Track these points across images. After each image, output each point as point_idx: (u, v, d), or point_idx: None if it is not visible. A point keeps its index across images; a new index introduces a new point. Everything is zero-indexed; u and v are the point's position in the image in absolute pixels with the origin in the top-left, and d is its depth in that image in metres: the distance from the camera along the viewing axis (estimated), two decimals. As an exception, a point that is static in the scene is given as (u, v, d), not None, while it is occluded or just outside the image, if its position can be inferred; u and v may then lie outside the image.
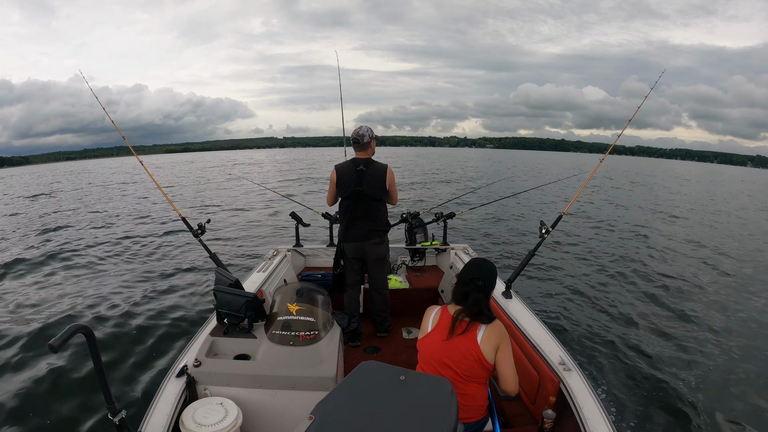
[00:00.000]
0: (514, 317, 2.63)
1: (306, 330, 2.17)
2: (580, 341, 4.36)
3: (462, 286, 1.87)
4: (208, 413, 1.82)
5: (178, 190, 19.42)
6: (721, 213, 15.14)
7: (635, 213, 13.71)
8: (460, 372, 1.77)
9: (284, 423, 2.01)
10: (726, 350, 4.28)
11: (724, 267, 7.49)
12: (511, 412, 2.31)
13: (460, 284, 1.89)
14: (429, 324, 1.89)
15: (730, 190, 27.77)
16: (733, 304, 5.65)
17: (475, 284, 1.83)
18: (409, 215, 4.27)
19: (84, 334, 1.34)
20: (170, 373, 2.02)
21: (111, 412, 1.48)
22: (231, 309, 2.25)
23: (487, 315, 1.82)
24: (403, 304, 3.77)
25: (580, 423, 1.79)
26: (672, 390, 3.55)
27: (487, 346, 1.76)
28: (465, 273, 1.90)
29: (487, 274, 1.87)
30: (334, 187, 3.13)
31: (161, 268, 6.88)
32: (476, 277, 1.85)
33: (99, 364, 1.43)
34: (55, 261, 7.42)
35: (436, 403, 1.09)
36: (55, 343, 1.23)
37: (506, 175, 29.13)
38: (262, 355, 2.08)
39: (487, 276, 1.87)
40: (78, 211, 13.75)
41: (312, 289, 2.38)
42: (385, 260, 3.31)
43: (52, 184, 26.66)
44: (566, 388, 1.97)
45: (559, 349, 2.24)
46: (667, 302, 5.56)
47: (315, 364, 2.04)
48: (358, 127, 3.10)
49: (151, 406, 1.83)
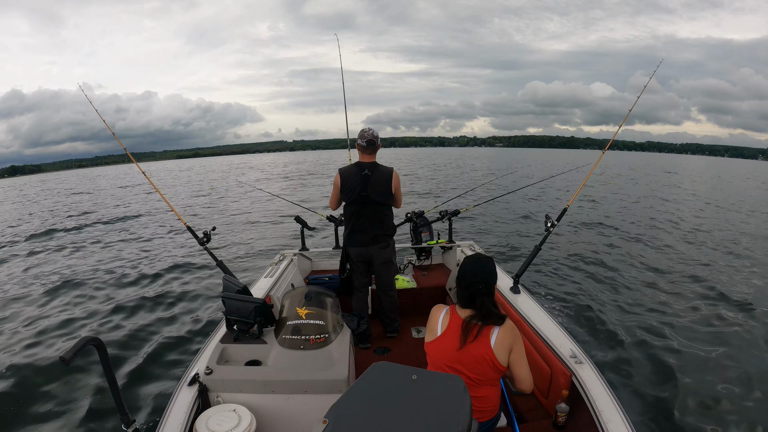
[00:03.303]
0: (524, 312, 2.62)
1: (316, 333, 2.17)
2: (591, 334, 4.34)
3: (464, 290, 1.78)
4: (221, 420, 1.82)
5: (188, 199, 19.52)
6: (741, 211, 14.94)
7: (644, 206, 13.63)
8: (473, 376, 1.72)
9: (298, 427, 2.01)
10: (748, 343, 4.17)
11: (749, 260, 7.26)
12: (524, 406, 2.30)
13: (461, 289, 1.79)
14: (438, 326, 1.81)
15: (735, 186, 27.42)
16: (760, 297, 5.43)
17: (476, 288, 1.74)
18: (414, 214, 4.27)
19: (95, 346, 1.35)
20: (182, 382, 2.02)
21: (125, 423, 1.49)
22: (240, 315, 2.25)
23: (497, 314, 1.75)
24: (411, 304, 3.76)
25: (594, 415, 1.77)
26: (686, 381, 3.51)
27: (501, 349, 1.70)
28: (462, 278, 1.80)
29: (484, 275, 1.77)
30: (338, 192, 3.08)
31: (168, 276, 6.91)
32: (475, 281, 1.75)
33: (111, 375, 1.43)
34: (63, 270, 7.48)
35: (449, 401, 1.09)
36: (66, 356, 1.24)
37: (511, 171, 29.00)
38: (274, 360, 2.08)
39: (485, 277, 1.77)
40: (89, 216, 13.84)
41: (320, 292, 2.37)
42: (392, 263, 3.28)
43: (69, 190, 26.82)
44: (579, 381, 1.96)
45: (570, 342, 2.23)
46: (679, 292, 5.52)
47: (326, 367, 2.04)
48: (370, 129, 2.99)
49: (165, 415, 1.84)
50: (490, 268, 1.80)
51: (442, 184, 20.92)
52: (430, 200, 14.07)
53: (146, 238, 10.47)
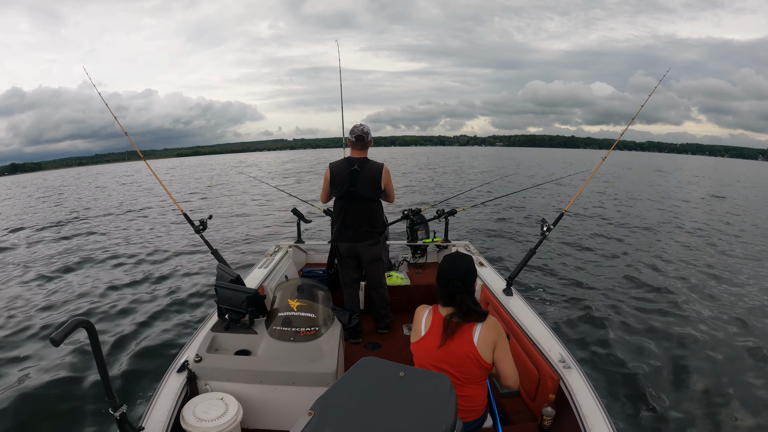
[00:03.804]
0: (515, 314, 2.63)
1: (306, 326, 2.17)
2: (580, 339, 4.35)
3: (443, 288, 1.79)
4: (208, 408, 1.83)
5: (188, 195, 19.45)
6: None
7: (639, 210, 13.65)
8: (458, 375, 1.73)
9: (284, 418, 2.02)
10: (734, 350, 4.20)
11: (735, 268, 7.31)
12: (510, 409, 2.32)
13: (440, 287, 1.81)
14: (422, 326, 1.83)
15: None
16: (745, 305, 5.47)
17: (454, 285, 1.76)
18: (411, 212, 4.27)
19: (85, 329, 1.34)
20: (171, 369, 2.03)
21: (112, 407, 1.49)
22: (232, 305, 2.25)
23: (477, 311, 1.76)
24: (404, 301, 3.77)
25: (579, 420, 1.79)
26: (673, 388, 3.53)
27: (484, 346, 1.71)
28: (441, 275, 1.81)
29: (461, 272, 1.78)
30: (328, 186, 3.07)
31: (162, 263, 6.91)
32: (452, 279, 1.76)
33: (100, 358, 1.43)
34: (60, 256, 7.45)
35: (435, 399, 1.09)
36: (56, 337, 1.24)
37: (510, 172, 28.99)
38: (263, 351, 2.09)
39: (462, 274, 1.77)
40: (89, 211, 13.80)
41: (313, 286, 2.38)
42: (381, 260, 3.25)
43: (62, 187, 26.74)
44: (566, 386, 1.97)
45: (559, 347, 2.24)
46: (669, 301, 5.53)
47: (315, 360, 2.05)
48: (361, 125, 2.98)
49: (152, 401, 1.84)
50: (467, 266, 1.81)
51: (440, 183, 20.92)
52: (427, 198, 14.06)
53: (145, 225, 10.45)
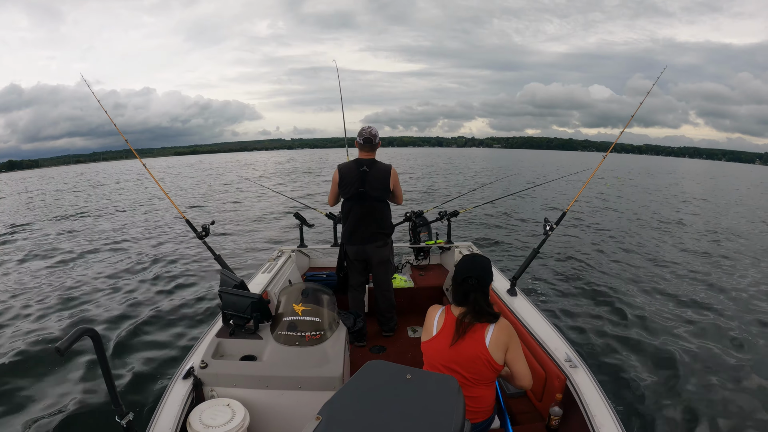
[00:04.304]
0: (520, 315, 2.62)
1: (312, 330, 2.17)
2: (586, 338, 4.33)
3: (458, 286, 1.81)
4: (215, 414, 1.83)
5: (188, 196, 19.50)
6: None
7: (641, 210, 13.62)
8: (468, 376, 1.72)
9: (291, 423, 2.01)
10: (741, 348, 4.18)
11: (743, 265, 7.27)
12: (517, 409, 2.31)
13: (455, 285, 1.83)
14: (434, 326, 1.82)
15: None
16: (754, 303, 5.44)
17: (469, 283, 1.76)
18: (413, 214, 4.27)
19: (90, 337, 1.34)
20: (177, 375, 2.02)
21: (118, 415, 1.49)
22: (236, 310, 2.25)
23: (490, 312, 1.76)
24: (408, 303, 3.76)
25: (587, 419, 1.78)
26: (680, 386, 3.51)
27: (496, 348, 1.71)
28: (457, 273, 1.83)
29: (479, 270, 1.79)
30: (337, 188, 3.10)
31: (166, 270, 6.91)
32: (468, 276, 1.78)
33: (106, 366, 1.43)
34: (60, 264, 7.47)
35: (443, 401, 1.09)
36: (61, 346, 1.24)
37: (511, 173, 28.98)
38: (269, 356, 2.08)
39: (479, 272, 1.79)
40: (89, 213, 13.83)
41: (317, 289, 2.37)
42: (389, 262, 3.28)
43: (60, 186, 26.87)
44: (573, 385, 1.96)
45: (565, 346, 2.23)
46: (674, 298, 5.52)
47: (321, 364, 2.04)
48: (369, 127, 3.01)
49: (158, 408, 1.84)
50: (485, 266, 1.82)
51: (440, 184, 20.91)
52: (429, 200, 14.06)
53: (146, 232, 10.47)
